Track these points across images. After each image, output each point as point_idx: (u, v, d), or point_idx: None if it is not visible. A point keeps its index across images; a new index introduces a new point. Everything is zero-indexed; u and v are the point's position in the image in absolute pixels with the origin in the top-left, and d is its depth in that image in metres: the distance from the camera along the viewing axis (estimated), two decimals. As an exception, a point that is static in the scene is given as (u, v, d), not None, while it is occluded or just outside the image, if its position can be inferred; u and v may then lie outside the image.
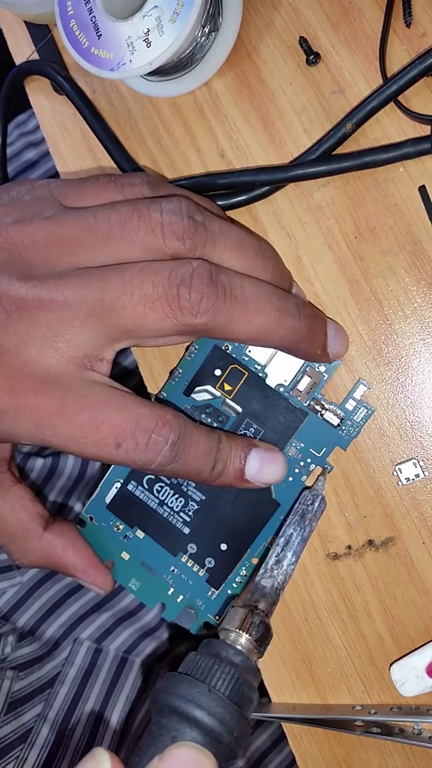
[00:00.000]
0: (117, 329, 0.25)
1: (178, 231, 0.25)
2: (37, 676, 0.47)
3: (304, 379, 0.29)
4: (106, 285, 0.25)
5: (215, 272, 0.25)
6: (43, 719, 0.46)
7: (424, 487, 0.29)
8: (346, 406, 0.29)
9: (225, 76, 0.32)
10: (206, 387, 0.30)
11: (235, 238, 0.27)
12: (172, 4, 0.27)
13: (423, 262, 0.29)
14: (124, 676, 0.50)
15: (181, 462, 0.26)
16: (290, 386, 0.30)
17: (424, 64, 0.27)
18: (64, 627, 0.50)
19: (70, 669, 0.49)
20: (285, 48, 0.31)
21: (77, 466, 0.54)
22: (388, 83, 0.28)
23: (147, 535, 0.31)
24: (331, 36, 0.30)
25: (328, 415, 0.29)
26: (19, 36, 0.36)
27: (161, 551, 0.31)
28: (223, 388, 0.30)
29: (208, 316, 0.25)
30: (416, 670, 0.28)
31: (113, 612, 0.51)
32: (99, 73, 0.29)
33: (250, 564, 0.30)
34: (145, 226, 0.25)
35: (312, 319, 0.27)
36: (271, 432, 0.30)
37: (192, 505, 0.30)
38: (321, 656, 0.30)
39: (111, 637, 0.50)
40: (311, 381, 0.29)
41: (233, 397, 0.30)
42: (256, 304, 0.26)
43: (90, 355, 0.26)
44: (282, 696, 0.31)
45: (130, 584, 0.31)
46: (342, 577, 0.30)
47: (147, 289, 0.25)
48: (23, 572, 0.50)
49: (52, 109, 0.36)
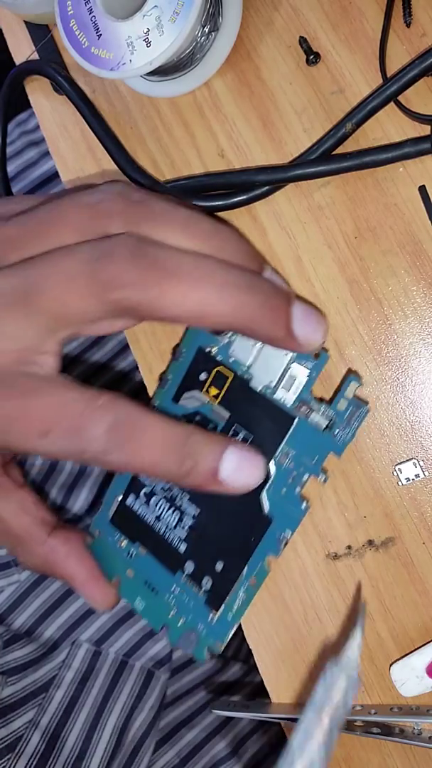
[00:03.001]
0: (48, 317, 0.24)
1: (108, 209, 0.24)
2: (31, 680, 0.47)
3: (290, 379, 0.27)
4: (30, 269, 0.24)
5: (143, 244, 0.23)
6: (34, 726, 0.45)
7: (424, 487, 0.29)
8: (338, 407, 0.27)
9: (225, 76, 0.32)
10: (193, 393, 0.29)
11: (183, 216, 0.25)
12: (172, 4, 0.27)
13: (423, 262, 0.29)
14: (123, 680, 0.49)
15: (129, 453, 0.24)
16: (275, 387, 0.27)
17: (424, 63, 0.27)
18: (63, 628, 0.50)
19: (67, 672, 0.48)
20: (285, 48, 0.31)
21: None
22: (388, 83, 0.28)
23: (148, 552, 0.30)
24: (331, 36, 0.30)
25: (316, 417, 0.27)
26: (19, 36, 0.36)
27: (161, 569, 0.29)
28: (209, 392, 0.28)
29: (133, 290, 0.23)
30: (416, 670, 0.28)
31: (113, 612, 0.50)
32: (99, 73, 0.29)
33: (249, 585, 0.28)
34: (77, 208, 0.24)
35: (267, 295, 0.24)
36: (260, 438, 0.28)
37: (186, 521, 0.29)
38: (321, 656, 0.30)
39: (111, 639, 0.50)
40: (297, 381, 0.27)
41: (220, 402, 0.28)
42: (192, 277, 0.23)
43: (28, 348, 0.24)
44: (282, 696, 0.31)
45: (136, 603, 0.30)
46: (342, 577, 0.30)
47: (67, 266, 0.23)
48: (21, 570, 0.50)
49: (52, 109, 0.36)
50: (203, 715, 0.52)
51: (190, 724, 0.51)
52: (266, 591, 0.31)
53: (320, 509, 0.30)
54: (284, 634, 0.31)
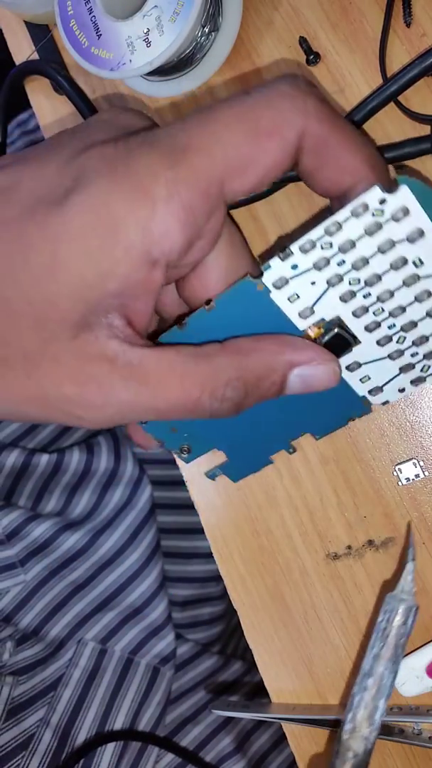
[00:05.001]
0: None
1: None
2: (40, 679, 0.47)
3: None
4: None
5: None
6: (45, 724, 0.46)
7: (424, 487, 0.29)
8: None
9: (225, 76, 0.32)
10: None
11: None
12: (172, 4, 0.27)
13: (423, 262, 0.29)
14: (129, 678, 0.50)
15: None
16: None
17: (424, 63, 0.27)
18: (69, 627, 0.50)
19: (74, 671, 0.48)
20: (285, 48, 0.31)
21: (82, 461, 0.54)
22: (388, 83, 0.27)
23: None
24: (331, 36, 0.30)
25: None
26: (19, 36, 0.36)
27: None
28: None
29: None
30: (416, 670, 0.28)
31: (119, 610, 0.51)
32: (99, 73, 0.29)
33: None
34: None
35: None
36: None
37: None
38: (321, 656, 0.30)
39: (117, 638, 0.50)
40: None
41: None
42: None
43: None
44: (282, 696, 0.31)
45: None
46: (342, 577, 0.30)
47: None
48: (27, 570, 0.50)
49: (52, 109, 0.36)
50: (207, 711, 0.52)
51: (195, 721, 0.52)
52: (266, 591, 0.31)
53: (320, 509, 0.30)
54: (284, 634, 0.31)
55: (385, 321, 0.25)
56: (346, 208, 0.22)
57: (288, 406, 0.26)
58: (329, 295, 0.24)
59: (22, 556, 0.50)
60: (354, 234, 0.22)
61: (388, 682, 0.25)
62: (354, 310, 0.24)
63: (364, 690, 0.25)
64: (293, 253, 0.23)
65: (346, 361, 0.26)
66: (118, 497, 0.54)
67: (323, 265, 0.23)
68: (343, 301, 0.24)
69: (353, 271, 0.23)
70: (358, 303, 0.24)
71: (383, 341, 0.25)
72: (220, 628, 0.57)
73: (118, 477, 0.54)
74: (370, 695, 0.24)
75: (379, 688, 0.24)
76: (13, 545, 0.49)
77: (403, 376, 0.26)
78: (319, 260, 0.23)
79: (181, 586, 0.56)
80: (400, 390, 0.26)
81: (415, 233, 0.22)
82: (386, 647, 0.25)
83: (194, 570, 0.57)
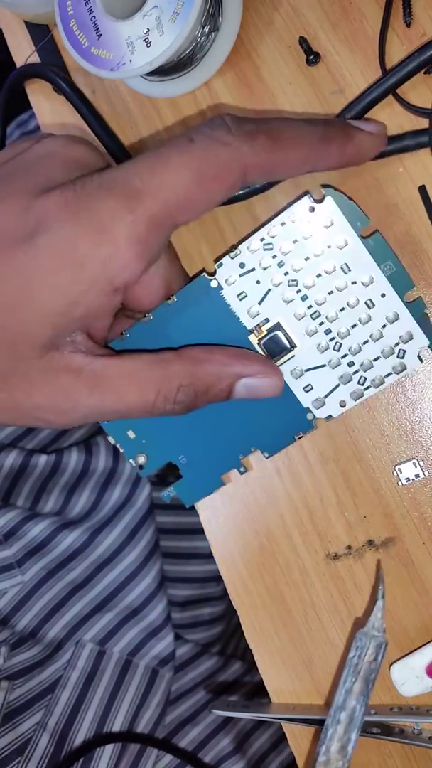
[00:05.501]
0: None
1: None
2: (37, 682, 0.47)
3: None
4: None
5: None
6: (42, 728, 0.45)
7: (424, 487, 0.29)
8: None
9: (225, 76, 0.32)
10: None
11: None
12: (172, 4, 0.27)
13: (423, 262, 0.29)
14: (128, 680, 0.49)
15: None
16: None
17: (423, 56, 0.27)
18: (67, 628, 0.50)
19: (72, 672, 0.48)
20: (285, 48, 0.31)
21: (80, 462, 0.54)
22: (387, 75, 0.27)
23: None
24: (331, 36, 0.30)
25: None
26: (19, 36, 0.36)
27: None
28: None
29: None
30: (416, 670, 0.28)
31: (117, 611, 0.50)
32: (99, 73, 0.29)
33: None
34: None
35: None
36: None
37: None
38: (321, 656, 0.30)
39: (115, 639, 0.50)
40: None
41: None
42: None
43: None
44: (282, 696, 0.31)
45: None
46: (342, 577, 0.30)
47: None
48: (25, 571, 0.50)
49: (52, 110, 0.36)
50: (206, 712, 0.52)
51: (194, 721, 0.51)
52: (266, 591, 0.31)
53: (320, 509, 0.30)
54: (284, 634, 0.31)
55: (322, 326, 0.27)
56: (284, 213, 0.25)
57: (238, 419, 0.28)
58: (272, 296, 0.26)
59: (20, 557, 0.49)
60: (291, 237, 0.25)
61: (360, 715, 0.26)
62: (295, 312, 0.27)
63: (337, 723, 0.26)
64: (241, 252, 0.26)
65: (290, 366, 0.27)
66: (116, 496, 0.54)
67: (267, 265, 0.26)
68: (285, 302, 0.26)
69: (292, 273, 0.26)
70: (298, 306, 0.26)
71: (322, 347, 0.27)
72: (220, 628, 0.57)
73: (117, 476, 0.54)
74: (342, 728, 0.26)
75: (351, 720, 0.26)
76: (10, 545, 0.49)
77: (342, 388, 0.27)
78: (262, 260, 0.26)
79: (180, 587, 0.56)
80: (341, 404, 0.28)
81: (341, 241, 0.25)
82: (358, 682, 0.27)
83: (194, 570, 0.56)
